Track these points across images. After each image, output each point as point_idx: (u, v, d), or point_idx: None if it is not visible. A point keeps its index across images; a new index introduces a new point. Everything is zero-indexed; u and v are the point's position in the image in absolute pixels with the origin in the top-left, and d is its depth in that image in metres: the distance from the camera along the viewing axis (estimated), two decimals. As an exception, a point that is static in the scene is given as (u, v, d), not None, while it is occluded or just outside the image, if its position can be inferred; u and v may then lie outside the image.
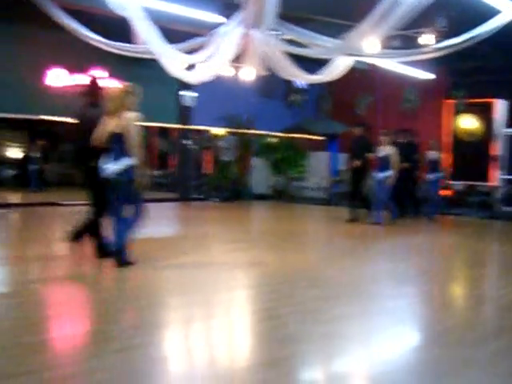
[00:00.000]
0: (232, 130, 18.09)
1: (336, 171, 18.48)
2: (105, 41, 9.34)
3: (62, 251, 7.90)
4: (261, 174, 18.56)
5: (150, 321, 4.52)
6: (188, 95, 16.82)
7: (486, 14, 8.17)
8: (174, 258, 7.17)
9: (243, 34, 9.17)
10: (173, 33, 10.10)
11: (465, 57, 12.11)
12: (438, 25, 11.51)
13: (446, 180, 15.38)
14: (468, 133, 17.81)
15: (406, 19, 7.53)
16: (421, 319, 5.05)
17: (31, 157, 18.82)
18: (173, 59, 9.66)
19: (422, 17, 8.08)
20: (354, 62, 10.46)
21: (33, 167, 18.38)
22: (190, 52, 9.91)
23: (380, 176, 11.55)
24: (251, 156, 18.56)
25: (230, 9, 10.07)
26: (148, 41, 8.90)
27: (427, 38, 11.20)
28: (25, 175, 18.82)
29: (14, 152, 22.57)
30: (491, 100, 17.24)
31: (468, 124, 17.80)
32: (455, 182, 17.10)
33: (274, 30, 9.39)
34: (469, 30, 8.25)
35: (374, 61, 12.18)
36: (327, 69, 10.41)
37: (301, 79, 12.73)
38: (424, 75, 16.09)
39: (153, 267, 6.48)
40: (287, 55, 9.84)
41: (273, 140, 19.50)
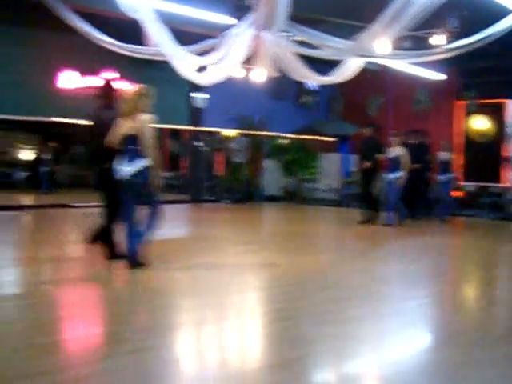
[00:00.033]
0: (243, 132, 18.10)
1: (347, 172, 18.44)
2: (116, 43, 9.37)
3: (74, 253, 7.96)
4: (272, 176, 18.55)
5: (163, 322, 4.52)
6: (199, 97, 16.86)
7: (498, 14, 8.13)
8: (186, 260, 7.18)
9: (254, 36, 9.18)
10: (184, 35, 10.13)
11: (476, 57, 12.03)
12: (450, 25, 11.47)
13: (457, 181, 15.28)
14: (480, 134, 17.72)
15: (418, 19, 7.50)
16: (432, 320, 5.02)
17: (42, 159, 18.92)
18: (184, 61, 9.68)
19: (434, 17, 8.05)
20: (366, 63, 10.45)
21: (44, 169, 18.48)
22: (202, 54, 9.93)
23: (390, 177, 11.52)
24: (263, 158, 18.56)
25: (241, 10, 10.09)
26: (159, 43, 8.93)
27: (439, 39, 11.16)
28: (36, 177, 18.91)
29: (26, 154, 22.72)
30: (503, 101, 17.14)
31: (480, 125, 17.71)
32: (467, 183, 17.01)
33: (286, 32, 9.39)
34: (481, 30, 8.21)
35: (386, 62, 12.15)
36: (339, 70, 10.39)
37: (312, 80, 12.72)
38: (435, 76, 16.03)
39: (165, 269, 6.49)
40: (298, 57, 9.83)
41: (284, 141, 19.49)
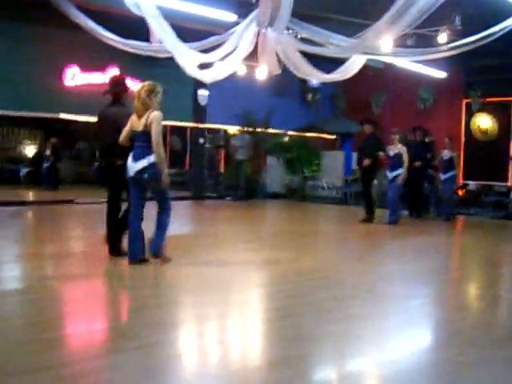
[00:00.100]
0: (246, 129, 18.11)
1: (350, 170, 18.44)
2: (121, 40, 9.40)
3: (78, 248, 7.98)
4: (275, 173, 18.57)
5: (166, 319, 4.54)
6: (203, 94, 16.87)
7: (502, 12, 8.13)
8: (188, 257, 7.18)
9: (258, 33, 9.18)
10: (188, 31, 10.15)
11: (480, 55, 12.02)
12: (453, 23, 11.44)
13: (458, 179, 15.22)
14: (484, 132, 17.68)
15: (422, 17, 7.51)
16: (433, 320, 5.03)
17: (45, 155, 18.92)
18: (188, 58, 9.69)
19: (438, 15, 8.04)
20: (369, 61, 10.44)
21: (46, 165, 18.48)
22: (206, 51, 9.94)
23: (390, 175, 11.53)
24: (265, 155, 18.57)
25: (245, 7, 10.09)
26: (163, 39, 8.95)
27: (442, 37, 11.14)
28: (39, 173, 18.92)
29: (29, 150, 22.73)
30: (509, 99, 17.08)
31: (484, 123, 17.67)
32: (470, 182, 16.99)
33: (289, 29, 9.39)
34: (484, 28, 8.21)
35: (389, 59, 12.14)
36: (342, 67, 10.40)
37: (316, 78, 12.72)
38: (439, 74, 16.00)
39: (167, 265, 6.51)
40: (302, 54, 9.84)
41: (285, 139, 19.49)
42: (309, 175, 18.62)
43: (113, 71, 14.79)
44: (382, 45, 8.77)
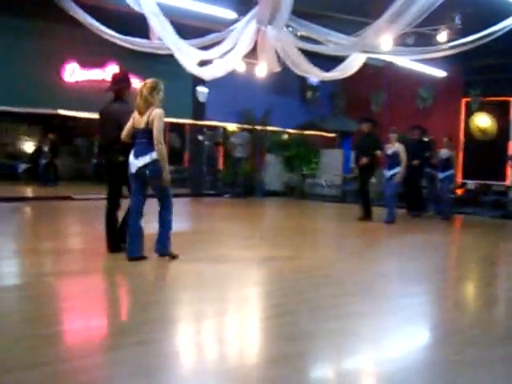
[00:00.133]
0: (245, 126, 18.10)
1: (349, 168, 18.45)
2: (121, 36, 9.38)
3: (76, 245, 7.97)
4: (274, 171, 18.57)
5: (164, 316, 4.55)
6: (202, 91, 16.85)
7: (502, 11, 8.13)
8: (187, 254, 7.17)
9: (258, 30, 9.18)
10: (188, 28, 10.13)
11: (481, 55, 12.03)
12: (453, 22, 11.44)
13: (456, 178, 15.23)
14: (483, 131, 17.69)
15: (422, 16, 7.50)
16: (431, 318, 5.03)
17: (43, 151, 18.89)
18: (187, 55, 9.68)
19: (437, 14, 8.04)
20: (369, 59, 10.44)
21: (44, 161, 18.46)
22: (205, 48, 9.93)
23: (389, 173, 11.53)
24: (265, 152, 18.57)
25: (245, 5, 10.08)
26: (163, 36, 8.93)
27: (442, 36, 11.13)
28: (37, 169, 18.89)
29: (27, 146, 22.69)
30: (508, 99, 17.09)
31: (483, 122, 17.68)
32: (469, 181, 17.00)
33: (289, 26, 9.39)
34: (484, 28, 8.20)
35: (389, 58, 12.14)
36: (342, 65, 10.39)
37: (315, 76, 12.71)
38: (439, 73, 16.00)
39: (166, 262, 6.51)
40: (302, 52, 9.83)
41: (284, 137, 19.49)
42: (308, 173, 18.63)
43: (112, 67, 14.78)
44: (382, 43, 8.76)
